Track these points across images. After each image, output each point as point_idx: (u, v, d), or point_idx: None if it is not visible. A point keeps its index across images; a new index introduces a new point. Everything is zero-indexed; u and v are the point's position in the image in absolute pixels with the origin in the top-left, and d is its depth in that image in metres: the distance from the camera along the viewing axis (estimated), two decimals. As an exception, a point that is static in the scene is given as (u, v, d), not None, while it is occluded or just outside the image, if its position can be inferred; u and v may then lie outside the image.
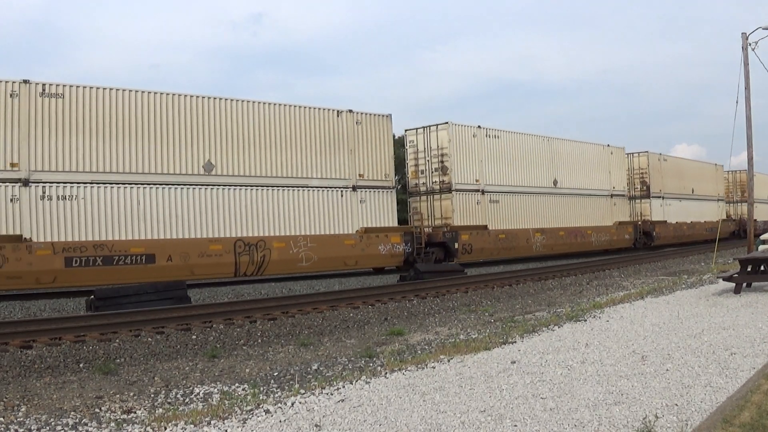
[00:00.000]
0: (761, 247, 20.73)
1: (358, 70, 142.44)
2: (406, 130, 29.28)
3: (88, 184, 18.77)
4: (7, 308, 15.46)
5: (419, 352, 9.37)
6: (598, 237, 34.57)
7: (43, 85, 18.48)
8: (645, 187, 39.38)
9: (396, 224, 25.83)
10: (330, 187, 23.36)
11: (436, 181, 27.82)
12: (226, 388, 7.63)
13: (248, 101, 21.99)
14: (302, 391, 6.78)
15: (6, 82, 17.99)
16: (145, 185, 19.62)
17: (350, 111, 24.28)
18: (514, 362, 7.76)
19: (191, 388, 7.76)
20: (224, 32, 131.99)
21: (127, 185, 19.34)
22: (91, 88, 19.26)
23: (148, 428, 5.69)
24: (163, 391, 7.67)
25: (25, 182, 17.94)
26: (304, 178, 22.77)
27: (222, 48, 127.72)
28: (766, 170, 58.75)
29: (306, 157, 22.85)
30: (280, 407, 6.05)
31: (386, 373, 7.43)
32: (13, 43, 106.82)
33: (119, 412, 6.64)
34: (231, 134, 21.28)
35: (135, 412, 6.62)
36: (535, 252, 30.86)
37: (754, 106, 24.04)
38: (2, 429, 6.03)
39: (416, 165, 28.58)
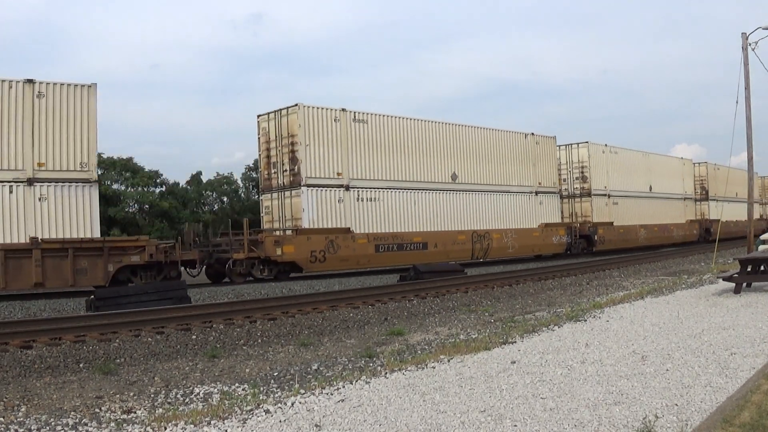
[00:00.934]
0: (761, 247, 20.72)
1: (358, 70, 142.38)
2: None
3: (384, 190, 25.64)
4: (7, 308, 15.46)
5: (419, 352, 9.37)
6: (677, 232, 42.82)
7: (354, 113, 25.03)
8: (704, 191, 48.34)
9: (560, 221, 34.11)
10: (522, 192, 31.53)
11: (576, 188, 36.23)
12: (226, 388, 7.63)
13: (476, 127, 29.87)
14: (302, 391, 6.78)
15: (330, 109, 24.34)
16: (417, 190, 26.67)
17: (532, 134, 32.72)
18: (514, 362, 7.76)
19: (191, 388, 7.76)
20: (224, 32, 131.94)
21: (407, 190, 26.32)
22: (383, 116, 26.11)
23: (148, 428, 5.69)
24: (163, 391, 7.67)
25: (347, 187, 24.56)
26: (508, 185, 30.83)
27: (222, 48, 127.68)
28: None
29: (508, 170, 30.98)
30: (280, 407, 6.05)
31: (386, 373, 7.43)
32: (13, 43, 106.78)
33: (119, 412, 6.64)
34: (467, 152, 29.02)
35: (135, 412, 6.62)
36: (639, 243, 38.54)
37: (754, 106, 24.03)
38: (2, 429, 6.03)
39: (558, 174, 35.67)
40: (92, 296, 14.60)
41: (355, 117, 24.86)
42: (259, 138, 25.02)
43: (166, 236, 33.32)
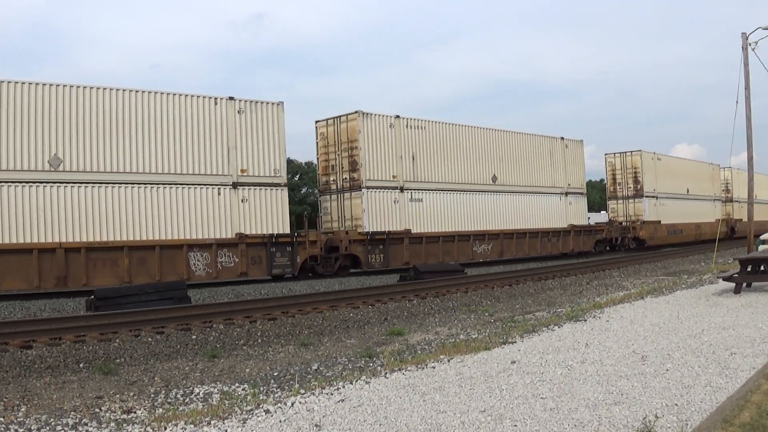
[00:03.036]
0: (761, 247, 20.71)
1: (358, 70, 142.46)
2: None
3: (670, 199, 41.15)
4: (7, 308, 15.46)
5: (419, 352, 9.37)
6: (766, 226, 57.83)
7: (656, 155, 40.93)
8: None
9: (722, 217, 48.42)
10: (709, 200, 47.67)
11: (722, 196, 51.56)
12: (226, 388, 7.63)
13: (690, 160, 48.09)
14: (302, 391, 6.78)
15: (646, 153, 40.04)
16: (680, 199, 42.43)
17: (711, 163, 49.58)
18: (514, 362, 7.76)
19: (191, 388, 7.76)
20: (225, 33, 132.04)
21: (678, 199, 42.26)
22: (676, 157, 45.67)
23: (148, 428, 5.69)
24: (163, 391, 7.67)
25: (656, 197, 40.12)
26: (705, 195, 46.51)
27: (223, 48, 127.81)
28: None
29: (705, 186, 46.68)
30: (280, 407, 6.05)
31: (386, 373, 7.43)
32: (13, 43, 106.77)
33: (119, 412, 6.64)
34: (693, 177, 44.76)
35: (135, 412, 6.62)
36: (755, 233, 54.22)
37: (754, 106, 24.07)
38: (2, 429, 6.03)
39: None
40: (92, 296, 14.59)
41: (657, 157, 40.80)
42: (606, 171, 41.55)
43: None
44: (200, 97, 20.68)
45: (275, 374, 8.44)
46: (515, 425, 5.25)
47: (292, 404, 6.14)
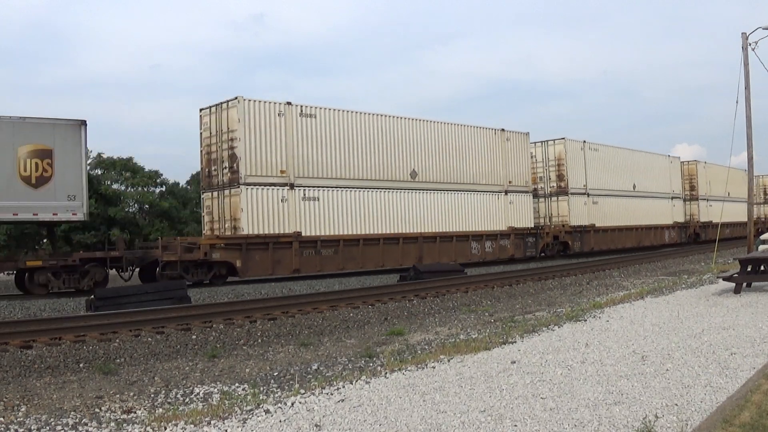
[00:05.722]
0: (761, 247, 20.71)
1: (358, 70, 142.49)
2: None
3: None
4: (7, 308, 15.45)
5: (419, 352, 9.37)
6: None
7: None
8: None
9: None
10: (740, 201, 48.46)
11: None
12: (226, 388, 7.63)
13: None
14: (302, 391, 6.78)
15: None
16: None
17: None
18: (514, 362, 7.76)
19: (191, 388, 7.76)
20: (225, 33, 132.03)
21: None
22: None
23: (148, 428, 5.69)
24: (163, 391, 7.67)
25: None
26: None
27: (223, 48, 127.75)
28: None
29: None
30: (280, 407, 6.05)
31: (386, 373, 7.43)
32: (14, 44, 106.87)
33: (119, 412, 6.64)
34: None
35: (135, 412, 6.62)
36: None
37: (754, 106, 24.03)
38: (2, 429, 6.03)
39: None
40: (92, 296, 14.58)
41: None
42: (682, 179, 48.57)
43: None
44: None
45: (275, 374, 8.44)
46: (515, 425, 5.25)
47: (292, 404, 6.14)
